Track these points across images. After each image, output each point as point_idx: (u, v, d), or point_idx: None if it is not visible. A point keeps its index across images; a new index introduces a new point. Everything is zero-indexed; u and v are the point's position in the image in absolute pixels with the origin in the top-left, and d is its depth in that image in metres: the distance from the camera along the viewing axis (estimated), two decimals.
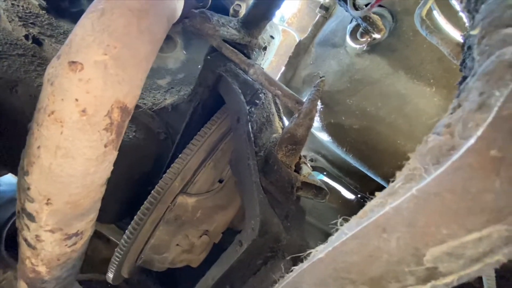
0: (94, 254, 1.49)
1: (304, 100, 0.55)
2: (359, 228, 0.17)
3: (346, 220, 0.20)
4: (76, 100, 0.36)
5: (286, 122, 0.82)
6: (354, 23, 0.70)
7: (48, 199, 0.41)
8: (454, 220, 0.14)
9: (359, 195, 1.10)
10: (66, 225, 0.47)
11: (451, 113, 0.16)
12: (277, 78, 1.05)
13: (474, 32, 0.17)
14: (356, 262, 0.18)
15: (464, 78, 0.24)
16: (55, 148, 0.37)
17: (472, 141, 0.13)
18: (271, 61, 1.35)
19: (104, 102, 0.38)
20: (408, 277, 0.16)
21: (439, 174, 0.14)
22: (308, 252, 0.25)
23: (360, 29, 0.67)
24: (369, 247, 0.17)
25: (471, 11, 0.24)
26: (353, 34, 0.71)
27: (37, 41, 0.77)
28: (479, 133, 0.13)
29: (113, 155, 0.44)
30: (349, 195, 1.09)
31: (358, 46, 0.72)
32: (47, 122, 0.37)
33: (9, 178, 1.34)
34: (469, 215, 0.13)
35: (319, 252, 0.20)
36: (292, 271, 0.23)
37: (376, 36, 0.64)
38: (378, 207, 0.17)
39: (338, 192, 1.08)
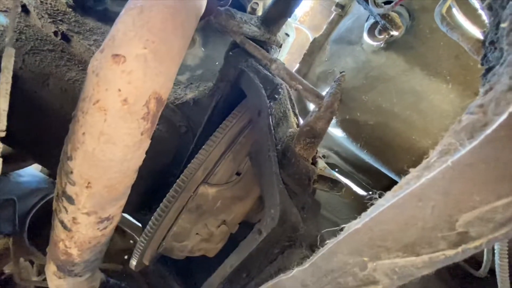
0: (110, 245, 1.54)
1: (324, 94, 0.57)
2: (397, 199, 0.20)
3: (381, 195, 0.23)
4: (119, 90, 0.40)
5: (301, 120, 0.84)
6: (372, 20, 0.72)
7: (89, 183, 0.44)
8: (486, 187, 0.16)
9: (371, 192, 1.11)
10: (101, 208, 0.50)
11: (483, 96, 0.18)
12: None
13: (504, 25, 0.19)
14: (392, 230, 0.20)
15: (488, 70, 0.26)
16: (99, 134, 0.40)
17: (504, 116, 0.15)
18: (283, 59, 1.37)
19: (143, 93, 0.41)
20: (441, 242, 0.18)
21: (474, 146, 0.16)
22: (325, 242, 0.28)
23: (379, 27, 0.69)
24: (405, 216, 0.19)
25: (497, 7, 0.25)
26: (370, 31, 0.73)
27: (65, 38, 0.81)
28: (510, 109, 0.15)
29: (147, 143, 0.47)
30: (361, 192, 1.11)
31: (375, 43, 0.74)
32: (92, 110, 0.40)
33: (31, 170, 1.39)
34: (499, 182, 0.15)
35: (355, 224, 0.23)
36: (325, 245, 0.26)
37: (394, 33, 0.66)
38: (413, 180, 0.19)
39: (351, 188, 1.10)
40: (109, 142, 0.41)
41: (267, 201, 0.62)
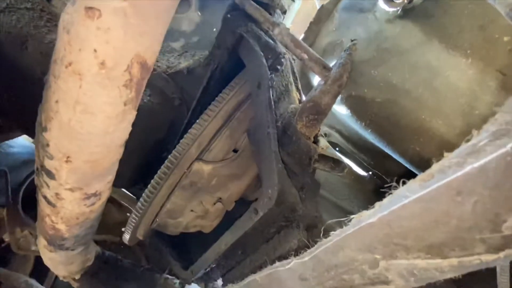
0: (108, 218, 1.55)
1: (332, 66, 0.52)
2: (427, 190, 0.16)
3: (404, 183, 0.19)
4: (95, 51, 0.34)
5: (303, 96, 0.78)
6: None
7: (68, 157, 0.40)
8: None
9: (370, 172, 1.08)
10: (86, 184, 0.47)
11: None
12: None
13: None
14: (416, 228, 0.16)
15: None
16: (74, 103, 0.35)
17: None
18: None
19: (124, 55, 0.36)
20: (478, 245, 0.15)
21: None
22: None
23: None
24: (435, 212, 0.15)
25: None
26: None
27: None
28: None
29: (132, 115, 0.43)
30: (362, 172, 1.08)
31: (391, 9, 0.66)
32: (65, 74, 0.35)
33: (22, 140, 1.35)
34: None
35: (368, 216, 0.19)
36: (329, 235, 0.22)
37: None
38: (452, 168, 0.15)
39: (351, 168, 1.07)
40: (86, 112, 0.36)
41: (265, 180, 0.59)
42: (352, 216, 0.21)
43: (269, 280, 0.30)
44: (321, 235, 0.23)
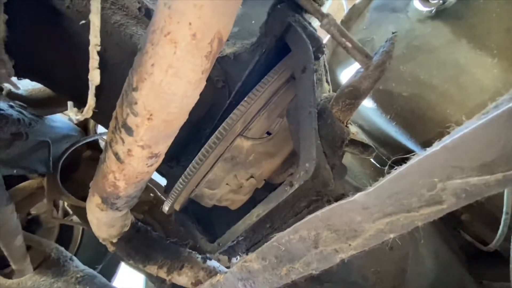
0: None
1: (373, 55, 0.58)
2: (483, 120, 0.22)
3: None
4: (190, 24, 0.41)
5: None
6: None
7: (151, 114, 0.47)
8: None
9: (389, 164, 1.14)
10: (155, 143, 0.54)
11: None
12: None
13: None
14: (472, 150, 0.22)
15: None
16: (168, 67, 0.43)
17: None
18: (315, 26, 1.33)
19: (210, 30, 0.43)
20: None
21: None
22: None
23: None
24: (489, 136, 0.21)
25: None
26: None
27: None
28: None
29: (203, 84, 0.50)
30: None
31: (426, 9, 0.72)
32: (163, 42, 0.42)
33: (60, 117, 1.45)
34: None
35: (432, 148, 0.25)
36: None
37: None
38: (504, 103, 0.21)
39: (371, 160, 1.12)
40: (175, 75, 0.43)
41: (303, 155, 0.65)
42: (411, 154, 0.27)
43: (330, 214, 0.36)
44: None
